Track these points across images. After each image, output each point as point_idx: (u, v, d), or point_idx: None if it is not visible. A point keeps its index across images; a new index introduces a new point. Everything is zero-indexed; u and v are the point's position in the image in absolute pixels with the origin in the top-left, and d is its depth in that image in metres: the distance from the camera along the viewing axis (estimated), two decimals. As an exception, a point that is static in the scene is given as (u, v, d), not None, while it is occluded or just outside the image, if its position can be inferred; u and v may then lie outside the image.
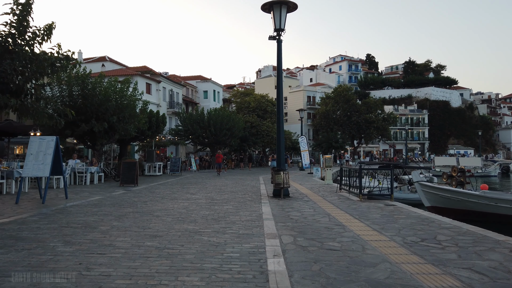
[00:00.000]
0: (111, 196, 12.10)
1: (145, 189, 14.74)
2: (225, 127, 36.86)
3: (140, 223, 7.33)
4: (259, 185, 17.40)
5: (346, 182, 13.81)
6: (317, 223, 7.48)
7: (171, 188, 15.30)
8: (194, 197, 12.17)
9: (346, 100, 58.23)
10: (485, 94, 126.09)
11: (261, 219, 7.95)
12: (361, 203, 10.79)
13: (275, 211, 9.17)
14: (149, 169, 25.90)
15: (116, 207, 9.52)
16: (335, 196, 12.80)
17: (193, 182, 19.00)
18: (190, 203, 10.59)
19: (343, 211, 9.17)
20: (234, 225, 7.17)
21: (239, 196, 12.62)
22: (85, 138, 19.69)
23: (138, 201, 10.97)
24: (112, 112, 18.20)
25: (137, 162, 16.80)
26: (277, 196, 12.17)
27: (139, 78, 39.88)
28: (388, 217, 8.38)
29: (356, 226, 7.23)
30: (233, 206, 10.04)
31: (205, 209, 9.32)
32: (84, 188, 14.96)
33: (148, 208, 9.39)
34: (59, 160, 10.80)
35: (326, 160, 18.69)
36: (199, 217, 8.09)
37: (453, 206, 14.52)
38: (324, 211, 9.14)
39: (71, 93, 18.44)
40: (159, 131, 26.83)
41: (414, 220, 7.97)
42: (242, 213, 8.74)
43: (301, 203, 10.68)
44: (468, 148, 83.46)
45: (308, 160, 30.41)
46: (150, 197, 11.94)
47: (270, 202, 10.85)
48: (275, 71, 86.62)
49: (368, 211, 9.22)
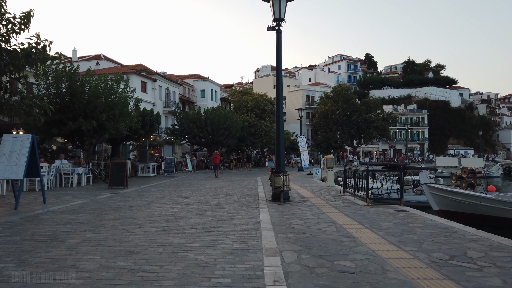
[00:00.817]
0: (95, 200, 11.08)
1: (134, 192, 13.72)
2: (222, 127, 35.85)
3: (118, 234, 6.32)
4: (256, 187, 16.41)
5: (351, 185, 12.85)
6: (323, 234, 6.49)
7: (163, 191, 14.28)
8: (186, 201, 11.15)
9: (346, 99, 57.30)
10: (484, 94, 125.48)
11: (258, 228, 6.96)
12: (369, 208, 9.81)
13: (275, 218, 8.17)
14: (143, 170, 24.87)
15: (96, 214, 8.50)
16: (339, 199, 11.81)
17: (187, 184, 17.99)
18: (180, 208, 9.58)
19: (350, 218, 8.18)
20: (228, 237, 6.18)
21: (235, 200, 11.62)
22: (74, 137, 18.66)
23: (123, 206, 9.95)
24: (101, 110, 17.17)
25: (127, 162, 15.79)
26: (276, 200, 11.18)
27: (134, 76, 38.88)
28: (402, 225, 7.39)
29: (368, 237, 6.24)
30: (228, 212, 9.03)
31: (196, 216, 8.32)
32: (69, 191, 13.93)
33: (132, 215, 8.37)
34: (36, 161, 9.78)
35: (328, 160, 17.69)
36: (187, 227, 7.08)
37: (464, 210, 13.56)
38: (330, 218, 8.15)
39: (58, 90, 17.41)
40: (153, 130, 25.78)
41: (433, 230, 6.99)
42: (237, 221, 7.74)
43: (303, 209, 9.69)
44: (468, 148, 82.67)
45: (307, 160, 29.45)
46: (137, 202, 10.92)
47: (268, 207, 9.86)
48: (274, 71, 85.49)
49: (378, 218, 8.23)
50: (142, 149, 26.26)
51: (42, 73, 17.13)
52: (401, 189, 10.61)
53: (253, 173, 29.84)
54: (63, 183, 15.91)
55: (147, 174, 24.42)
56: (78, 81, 17.18)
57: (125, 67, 44.22)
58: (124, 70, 40.51)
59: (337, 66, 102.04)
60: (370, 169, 11.46)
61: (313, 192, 14.20)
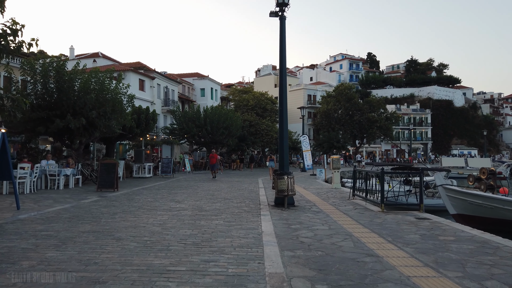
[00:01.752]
0: (77, 206, 9.91)
1: (124, 196, 12.54)
2: (222, 126, 34.67)
3: (87, 252, 5.15)
4: (257, 190, 15.23)
5: (361, 187, 11.69)
6: (339, 251, 5.32)
7: (155, 194, 13.11)
8: (179, 206, 9.98)
9: (348, 98, 56.06)
10: (487, 94, 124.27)
11: (260, 243, 5.79)
12: (385, 216, 8.64)
13: (279, 228, 7.00)
14: (138, 170, 23.70)
15: (72, 223, 7.34)
16: (349, 204, 10.64)
17: (183, 186, 16.82)
18: (170, 216, 8.41)
19: (367, 229, 7.01)
20: (222, 256, 5.00)
21: (234, 204, 10.45)
22: (63, 136, 17.49)
23: (107, 212, 8.78)
24: (91, 106, 16.00)
25: (117, 163, 14.62)
26: (279, 205, 10.00)
27: (131, 74, 37.75)
28: (431, 239, 6.22)
29: (395, 256, 5.07)
30: (225, 220, 7.86)
31: (187, 226, 7.14)
32: (53, 194, 12.76)
33: (112, 225, 7.20)
34: (7, 162, 8.63)
35: (334, 161, 16.48)
36: (175, 241, 5.91)
37: (485, 215, 12.35)
38: (343, 229, 6.98)
39: (46, 86, 16.25)
40: (149, 129, 24.55)
41: (470, 244, 5.81)
42: (235, 232, 6.57)
43: (310, 216, 8.51)
44: (472, 149, 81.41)
45: (310, 160, 28.22)
46: (124, 207, 9.75)
47: (271, 214, 8.69)
48: (275, 70, 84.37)
49: (400, 229, 7.06)
50: (138, 149, 25.07)
51: (29, 68, 16.01)
52: (421, 194, 9.43)
53: (253, 174, 28.67)
54: (49, 185, 14.75)
55: (143, 175, 23.25)
56: (66, 75, 16.01)
57: (123, 65, 43.12)
58: (122, 67, 39.43)
59: (339, 65, 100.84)
60: (386, 170, 10.25)
61: (319, 196, 13.03)
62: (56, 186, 14.63)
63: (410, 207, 9.98)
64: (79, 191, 13.83)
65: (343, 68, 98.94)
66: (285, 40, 10.65)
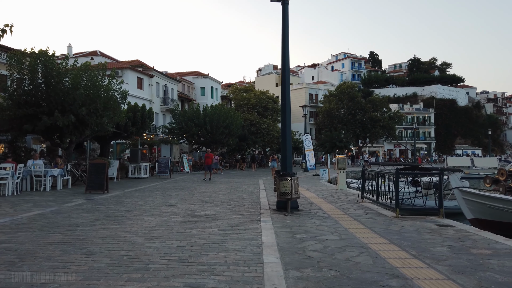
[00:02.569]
0: (57, 210, 8.93)
1: (112, 198, 11.56)
2: (222, 125, 33.69)
3: (45, 273, 4.16)
4: (258, 191, 14.26)
5: (371, 189, 10.70)
6: (356, 271, 4.34)
7: (147, 196, 12.12)
8: (170, 211, 8.99)
9: (350, 97, 55.07)
10: (490, 93, 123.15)
11: (260, 258, 4.81)
12: (401, 222, 7.65)
13: (282, 238, 6.02)
14: (134, 170, 22.72)
15: (43, 232, 6.36)
16: (359, 208, 9.65)
17: (179, 187, 15.84)
18: (158, 222, 7.42)
19: (385, 239, 6.02)
20: (212, 279, 4.02)
21: (232, 209, 9.46)
22: (52, 134, 16.52)
23: (88, 218, 7.80)
24: (80, 103, 15.02)
25: (107, 163, 13.65)
26: (282, 209, 9.01)
27: (129, 71, 36.83)
28: (463, 252, 5.23)
29: (427, 278, 4.08)
30: (220, 228, 6.88)
31: (175, 236, 6.16)
32: (37, 197, 11.78)
33: (89, 234, 6.23)
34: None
35: (340, 161, 15.48)
36: (158, 256, 4.93)
37: (506, 220, 11.35)
38: (357, 239, 5.99)
39: (34, 82, 15.29)
40: (145, 128, 23.55)
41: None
42: (230, 244, 5.59)
43: (317, 223, 7.52)
44: (476, 148, 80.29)
45: (313, 160, 27.18)
46: (109, 212, 8.77)
47: (273, 220, 7.70)
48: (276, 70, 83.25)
49: (422, 239, 6.07)
50: (133, 148, 24.08)
51: (16, 63, 15.07)
52: (440, 197, 8.42)
53: (255, 174, 27.68)
54: (35, 187, 13.78)
55: (139, 176, 22.27)
56: (54, 69, 15.03)
57: (121, 63, 42.14)
58: (119, 65, 38.48)
59: (340, 64, 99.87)
60: (399, 170, 9.24)
61: (325, 198, 12.04)
62: (42, 188, 13.67)
63: (428, 211, 8.98)
64: (66, 193, 12.85)
65: (345, 67, 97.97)
66: (288, 28, 9.67)
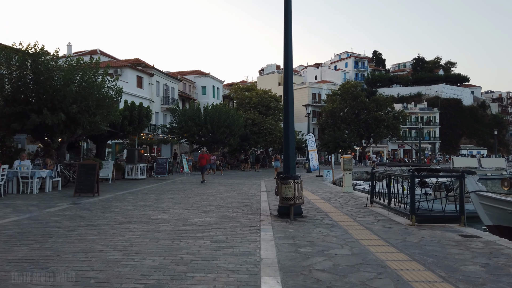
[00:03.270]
0: (35, 217, 8.08)
1: (101, 202, 10.71)
2: (223, 125, 32.84)
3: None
4: (259, 194, 13.39)
5: (381, 192, 9.83)
6: (376, 301, 3.46)
7: (139, 200, 11.27)
8: (160, 217, 8.13)
9: (354, 97, 54.09)
10: (495, 93, 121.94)
11: (257, 282, 3.95)
12: (419, 232, 6.77)
13: (284, 253, 5.15)
14: (131, 171, 21.88)
15: (7, 245, 5.50)
16: (369, 214, 8.77)
17: (176, 190, 15.00)
18: (144, 232, 6.57)
19: (404, 254, 5.14)
20: (194, 315, 3.16)
21: (229, 214, 8.60)
22: (42, 133, 15.70)
23: (66, 227, 6.95)
24: (71, 100, 14.19)
25: (98, 164, 12.79)
26: (284, 215, 8.15)
27: (129, 70, 36.05)
28: (500, 272, 4.35)
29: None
30: (213, 239, 6.01)
31: (159, 250, 5.29)
32: (19, 200, 10.96)
33: (60, 248, 5.37)
34: None
35: (345, 161, 14.58)
36: (133, 279, 4.06)
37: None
38: (372, 255, 5.11)
39: (21, 77, 14.47)
40: (142, 127, 22.70)
41: None
42: (222, 262, 4.72)
43: (323, 232, 6.65)
44: (481, 148, 79.21)
45: (316, 161, 26.29)
46: (92, 219, 7.92)
47: (274, 229, 6.84)
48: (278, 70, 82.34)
49: (448, 254, 5.19)
50: (130, 148, 23.26)
51: (4, 60, 14.27)
52: (462, 202, 7.53)
53: (256, 175, 26.82)
54: (22, 189, 12.96)
55: (136, 177, 21.44)
56: (43, 65, 14.20)
57: (120, 61, 41.35)
58: (119, 64, 37.72)
59: (344, 63, 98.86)
60: (416, 173, 8.34)
61: (330, 202, 11.16)
62: (29, 191, 12.84)
63: (446, 218, 8.10)
64: (54, 197, 12.02)
65: (349, 66, 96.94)
66: (291, 11, 8.79)
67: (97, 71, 16.17)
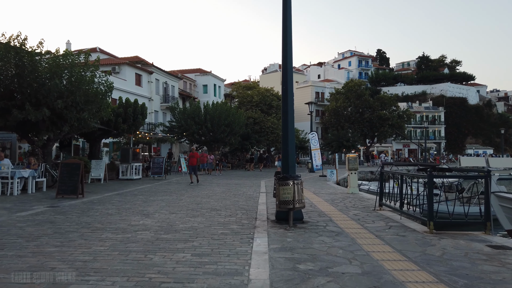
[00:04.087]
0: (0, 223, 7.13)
1: (82, 205, 9.75)
2: (223, 123, 31.88)
3: None
4: (257, 195, 12.40)
5: (391, 194, 8.83)
6: None
7: (125, 203, 10.30)
8: (142, 223, 7.15)
9: (358, 95, 52.98)
10: (501, 92, 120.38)
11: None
12: (439, 241, 5.76)
13: (279, 271, 4.16)
14: (126, 171, 20.94)
15: None
16: (378, 219, 7.76)
17: (169, 191, 14.03)
18: (117, 242, 5.59)
19: (427, 273, 4.14)
20: None
21: (220, 219, 7.61)
22: (27, 130, 14.78)
23: (27, 236, 5.98)
24: (56, 95, 13.26)
25: (82, 163, 11.85)
26: (282, 221, 7.16)
27: (127, 67, 35.13)
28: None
29: None
30: (195, 252, 5.02)
31: (125, 267, 4.31)
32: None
33: (5, 264, 4.41)
34: None
35: (350, 160, 13.57)
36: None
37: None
38: (387, 273, 4.11)
39: (2, 70, 13.55)
40: (138, 125, 21.74)
41: None
42: (200, 284, 3.74)
43: (327, 242, 5.65)
44: (487, 148, 77.84)
45: (319, 160, 25.28)
46: (63, 225, 6.95)
47: (269, 238, 5.85)
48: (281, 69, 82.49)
49: (480, 272, 4.19)
50: (124, 147, 22.31)
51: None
52: (487, 207, 6.52)
53: (257, 175, 25.82)
54: (1, 190, 12.02)
55: (130, 177, 20.49)
56: (26, 57, 13.26)
57: (119, 59, 40.47)
58: (117, 61, 36.84)
59: (347, 62, 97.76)
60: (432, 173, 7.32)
61: (335, 204, 10.16)
62: (9, 192, 11.91)
63: (465, 222, 7.08)
64: (34, 198, 11.07)
65: (352, 65, 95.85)
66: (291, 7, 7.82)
67: (86, 64, 15.22)
